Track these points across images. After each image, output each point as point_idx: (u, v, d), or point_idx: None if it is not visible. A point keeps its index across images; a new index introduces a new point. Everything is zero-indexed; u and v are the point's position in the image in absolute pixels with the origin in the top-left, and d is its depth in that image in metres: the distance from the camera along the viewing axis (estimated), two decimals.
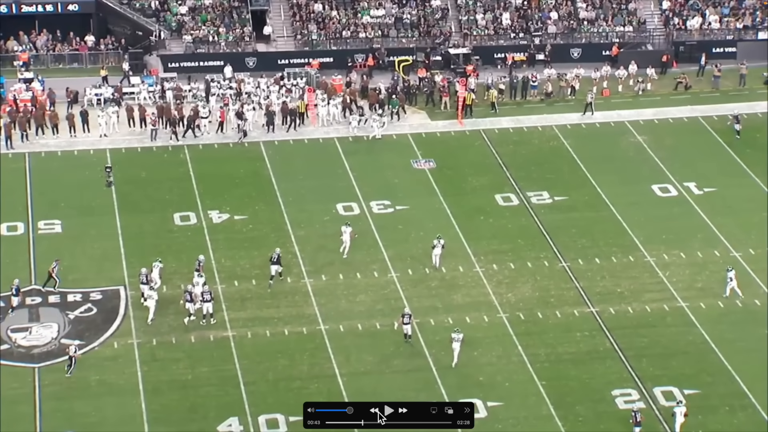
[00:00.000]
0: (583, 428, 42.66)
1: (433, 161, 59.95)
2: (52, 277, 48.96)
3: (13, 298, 47.60)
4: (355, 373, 44.93)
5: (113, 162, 58.80)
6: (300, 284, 50.12)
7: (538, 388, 44.48)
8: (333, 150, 60.88)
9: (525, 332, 47.54)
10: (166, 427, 42.11)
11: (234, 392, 43.90)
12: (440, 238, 50.85)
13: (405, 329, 46.11)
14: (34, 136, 60.60)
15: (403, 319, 46.07)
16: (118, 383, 44.28)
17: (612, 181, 58.45)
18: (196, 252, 51.77)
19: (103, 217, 54.52)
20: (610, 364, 45.83)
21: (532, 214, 55.62)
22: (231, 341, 46.62)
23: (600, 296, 49.87)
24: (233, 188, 57.25)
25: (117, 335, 46.84)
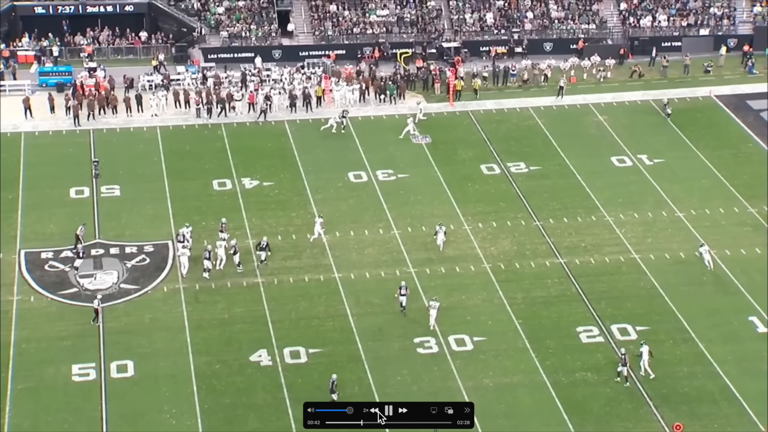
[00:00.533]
0: (553, 358, 42.78)
1: (429, 137, 59.72)
2: (79, 239, 48.25)
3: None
4: (363, 314, 44.98)
5: (162, 138, 58.62)
6: (318, 240, 50.07)
7: (515, 325, 44.54)
8: (345, 127, 60.58)
9: (505, 279, 47.54)
10: (207, 357, 42.29)
11: (263, 329, 44.00)
12: (441, 225, 48.93)
13: (401, 300, 44.41)
14: (98, 115, 60.40)
15: (400, 291, 44.49)
16: (167, 321, 44.42)
17: (578, 153, 58.20)
18: (231, 213, 51.80)
19: (154, 183, 54.41)
20: (575, 306, 45.87)
21: (511, 181, 55.46)
22: (260, 287, 46.65)
23: (567, 249, 49.81)
24: (262, 159, 57.06)
25: (166, 281, 46.90)
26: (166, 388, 40.77)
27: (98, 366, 41.66)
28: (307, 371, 41.66)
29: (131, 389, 40.70)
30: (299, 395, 40.13)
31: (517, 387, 41.34)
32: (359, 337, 43.63)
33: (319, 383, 40.93)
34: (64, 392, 40.38)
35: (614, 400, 40.71)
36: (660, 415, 40.12)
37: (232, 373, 41.44)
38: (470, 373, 41.82)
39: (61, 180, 54.09)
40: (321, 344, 43.18)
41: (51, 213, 51.25)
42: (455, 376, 41.69)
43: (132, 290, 46.23)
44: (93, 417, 39.28)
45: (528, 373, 41.98)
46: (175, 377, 41.27)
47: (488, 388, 41.19)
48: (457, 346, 43.32)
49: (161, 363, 42.01)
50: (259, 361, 42.15)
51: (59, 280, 46.59)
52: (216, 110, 60.79)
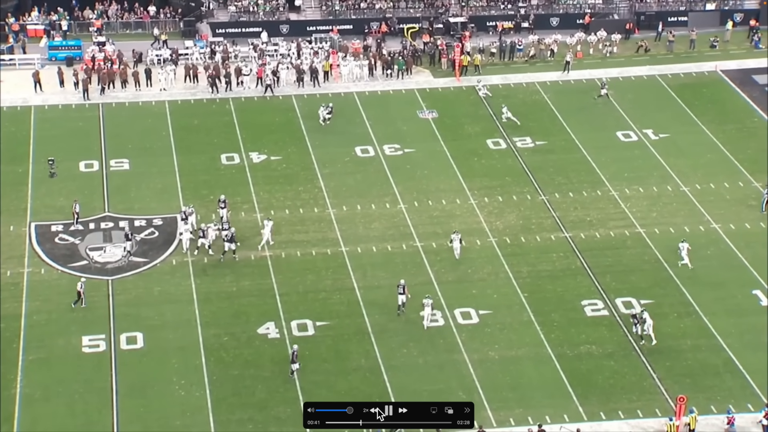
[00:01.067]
0: (557, 332, 42.83)
1: (435, 112, 59.54)
2: (75, 215, 48.02)
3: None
4: (369, 287, 45.03)
5: (171, 112, 58.51)
6: (325, 213, 50.08)
7: (520, 299, 44.55)
8: (352, 102, 60.44)
9: (511, 253, 47.52)
10: (215, 329, 42.42)
11: (271, 301, 44.08)
12: (457, 233, 46.51)
13: (399, 299, 42.80)
14: (107, 90, 60.25)
15: (398, 289, 42.86)
16: (176, 293, 44.52)
17: (584, 128, 57.98)
18: (239, 187, 51.81)
19: (163, 157, 54.37)
20: (580, 279, 45.86)
21: (517, 156, 55.32)
22: (268, 260, 46.69)
23: (572, 224, 49.73)
24: (270, 134, 56.95)
25: (175, 254, 46.95)
26: (175, 359, 40.92)
27: (108, 338, 41.81)
28: (314, 344, 41.75)
29: (140, 361, 40.86)
30: (306, 366, 40.27)
31: (523, 360, 41.40)
32: (366, 310, 43.70)
33: (326, 356, 41.08)
34: (75, 363, 40.56)
35: (618, 372, 40.77)
36: (664, 387, 40.17)
37: (240, 346, 41.56)
38: (476, 346, 41.88)
39: (70, 153, 54.04)
40: (328, 317, 43.26)
41: (61, 186, 51.28)
42: (461, 348, 41.77)
43: (141, 263, 46.27)
44: (103, 388, 39.46)
45: (533, 346, 42.03)
46: (184, 349, 41.41)
47: (494, 361, 41.26)
48: (462, 319, 43.37)
49: (170, 335, 42.13)
50: (266, 333, 42.25)
51: (69, 253, 46.66)
52: (220, 85, 60.57)
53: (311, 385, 39.65)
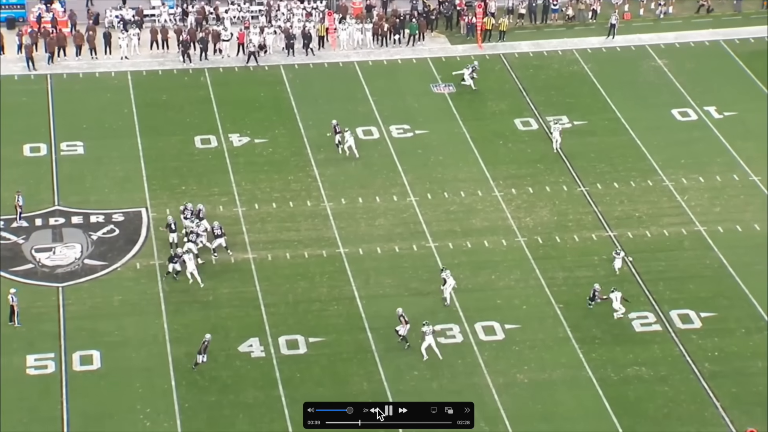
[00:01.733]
0: (600, 350, 42.84)
1: (452, 85, 59.58)
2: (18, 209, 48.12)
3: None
4: (373, 296, 45.12)
5: (134, 85, 58.59)
6: (320, 207, 50.15)
7: (555, 311, 44.59)
8: (353, 74, 60.51)
9: (543, 256, 47.57)
10: (187, 347, 42.41)
11: (254, 313, 44.17)
12: (446, 270, 44.86)
13: (399, 330, 42.35)
14: (57, 57, 60.32)
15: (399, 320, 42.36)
16: (141, 303, 44.61)
17: (632, 105, 58.02)
18: (216, 175, 51.91)
19: (124, 140, 54.48)
20: (627, 288, 45.81)
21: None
22: (251, 263, 46.77)
23: (618, 220, 49.77)
24: (253, 112, 57.06)
25: (139, 256, 47.05)
26: (139, 383, 40.98)
27: (58, 357, 41.89)
28: (307, 364, 41.83)
29: (97, 384, 40.93)
30: (297, 392, 40.34)
31: (557, 384, 41.46)
32: (369, 323, 43.78)
33: (321, 379, 41.14)
34: (17, 388, 40.58)
35: (674, 400, 40.81)
36: (729, 418, 40.19)
37: (217, 367, 41.63)
38: (501, 368, 41.94)
39: (13, 135, 54.15)
40: (323, 332, 43.34)
41: (1, 174, 51.38)
42: (483, 370, 41.83)
43: (98, 267, 46.38)
44: (52, 417, 39.53)
45: (570, 368, 42.10)
46: (150, 371, 41.48)
47: (522, 386, 41.34)
48: (485, 335, 43.43)
49: (133, 354, 42.21)
50: (249, 351, 42.33)
51: (11, 255, 46.78)
52: (193, 52, 60.62)
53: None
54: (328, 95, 58.55)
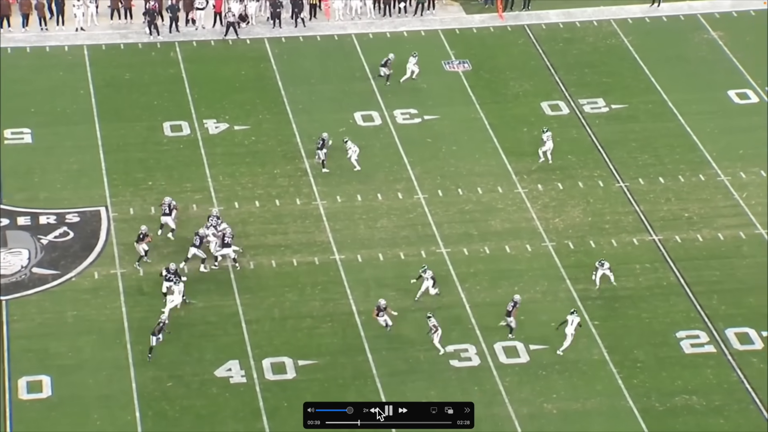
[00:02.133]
0: (642, 375, 42.85)
1: (468, 62, 59.67)
2: None
3: None
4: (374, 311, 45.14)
5: (92, 61, 58.67)
6: (311, 207, 50.22)
7: (589, 329, 44.60)
8: (350, 49, 60.61)
9: (575, 264, 47.64)
10: (154, 371, 42.44)
11: (234, 332, 44.18)
12: (426, 269, 45.64)
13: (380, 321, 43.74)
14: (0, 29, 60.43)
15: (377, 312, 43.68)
16: (99, 320, 44.60)
17: (681, 86, 58.13)
18: (189, 168, 51.95)
19: (80, 126, 54.57)
20: (674, 302, 45.89)
21: (584, 125, 55.40)
22: (230, 273, 46.79)
23: (664, 222, 49.83)
24: (233, 93, 57.17)
25: (97, 264, 47.08)
26: (97, 414, 41.00)
27: (1, 383, 41.87)
28: (296, 391, 41.84)
29: (48, 415, 40.91)
30: (284, 425, 40.35)
31: (592, 415, 41.50)
32: (369, 343, 43.82)
33: None
34: None
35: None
36: None
37: (190, 394, 41.68)
38: (525, 396, 41.97)
39: None
40: (315, 354, 43.36)
41: None
42: (504, 399, 41.86)
43: (49, 277, 46.42)
44: None
45: (607, 396, 42.12)
46: (110, 399, 41.49)
47: (551, 417, 41.37)
48: (506, 357, 43.45)
49: (90, 379, 42.21)
50: (228, 377, 42.35)
51: None
52: (161, 23, 60.67)
53: None
54: (321, 74, 58.61)
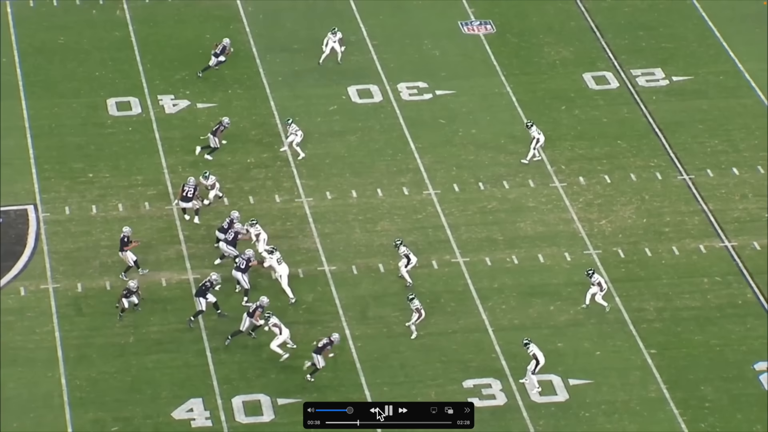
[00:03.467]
0: (711, 417, 42.86)
1: (491, 23, 59.76)
2: None
3: None
4: (374, 336, 45.27)
5: (18, 21, 58.72)
6: (294, 205, 50.35)
7: (644, 359, 44.63)
8: (344, 7, 60.71)
9: (626, 277, 47.69)
10: (96, 411, 42.47)
11: (197, 362, 44.21)
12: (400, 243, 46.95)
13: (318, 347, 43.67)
14: None
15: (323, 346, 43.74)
16: (27, 347, 44.61)
17: (759, 52, 58.22)
18: (140, 156, 52.00)
19: (2, 103, 54.70)
20: (752, 325, 45.92)
21: (638, 103, 55.50)
22: (191, 286, 46.84)
23: (739, 224, 49.93)
24: (195, 62, 57.22)
25: (24, 277, 47.11)
26: None
27: None
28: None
29: None
30: None
31: None
32: (365, 375, 43.83)
33: None
34: None
35: None
36: None
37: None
38: None
39: None
40: (299, 390, 43.36)
41: None
42: None
43: None
44: None
45: None
46: None
47: None
48: (540, 395, 43.45)
49: (14, 422, 42.24)
50: (189, 419, 42.35)
51: None
52: None
53: None
54: (306, 37, 58.63)
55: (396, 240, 47.03)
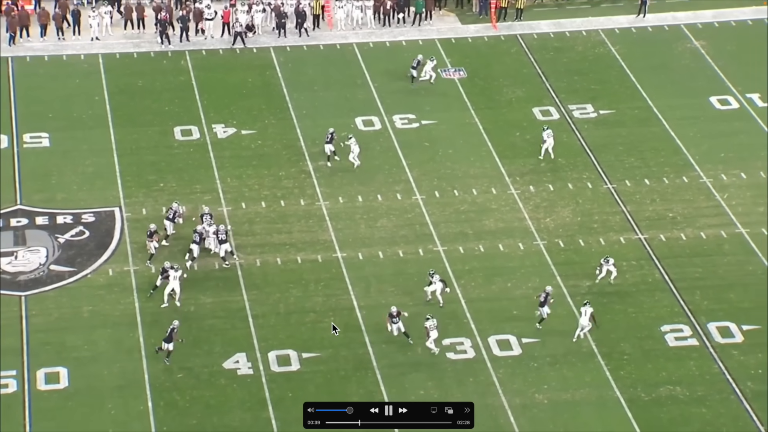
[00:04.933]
0: (629, 367, 42.86)
1: (463, 70, 59.63)
2: None
3: None
4: (375, 306, 45.13)
5: (107, 69, 58.68)
6: (314, 207, 50.23)
7: (578, 323, 44.59)
8: (352, 57, 60.59)
9: (565, 261, 47.64)
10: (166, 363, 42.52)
11: (241, 326, 44.22)
12: (433, 273, 45.30)
13: (391, 329, 43.19)
14: (19, 38, 60.35)
15: (392, 320, 43.12)
16: (113, 314, 44.63)
17: (665, 92, 58.07)
18: (198, 171, 51.98)
19: (95, 131, 54.53)
20: (659, 297, 45.92)
21: (574, 130, 55.40)
22: (238, 270, 46.80)
23: (649, 221, 49.82)
24: (240, 99, 57.14)
25: (112, 262, 47.08)
26: (111, 403, 41.02)
27: (20, 374, 41.91)
28: (300, 382, 41.89)
29: (64, 405, 40.93)
30: (289, 413, 40.40)
31: (581, 405, 41.50)
32: (369, 337, 43.85)
33: (316, 398, 41.01)
34: None
35: (712, 423, 40.85)
36: None
37: (199, 385, 41.70)
38: (518, 387, 42.00)
39: None
40: (318, 347, 43.40)
41: None
42: (497, 390, 41.89)
43: (66, 273, 46.46)
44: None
45: (596, 387, 42.14)
46: (124, 390, 41.52)
47: (542, 407, 41.39)
48: (500, 350, 43.47)
49: (104, 371, 42.24)
50: (235, 368, 42.37)
51: None
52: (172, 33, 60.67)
53: None
54: (324, 81, 58.58)
55: (430, 271, 45.38)
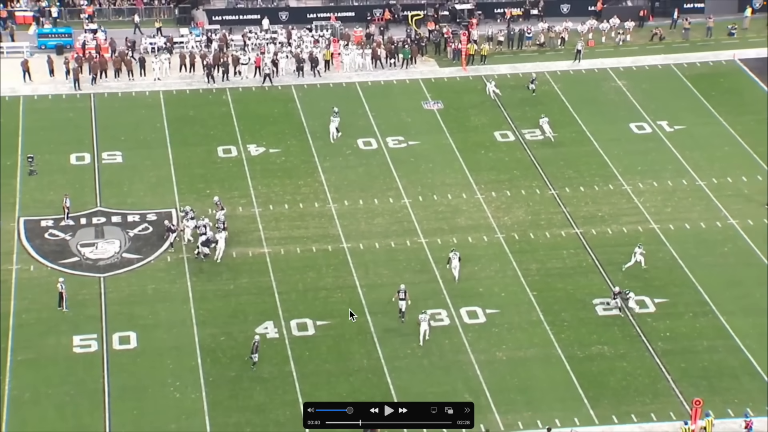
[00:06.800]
0: (567, 332, 42.81)
1: (440, 103, 59.47)
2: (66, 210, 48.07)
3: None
4: (372, 285, 45.03)
5: (165, 102, 58.51)
6: (326, 208, 50.08)
7: (529, 297, 44.55)
8: (354, 93, 60.42)
9: (519, 250, 47.51)
10: (211, 329, 42.43)
11: (269, 300, 44.09)
12: (456, 251, 45.34)
13: (400, 305, 42.50)
14: (99, 79, 60.21)
15: (399, 295, 42.55)
16: (171, 291, 44.54)
17: (595, 120, 57.91)
18: (237, 180, 51.83)
19: (157, 150, 54.37)
20: (591, 278, 45.84)
21: (526, 149, 55.25)
22: (267, 257, 46.68)
23: (584, 219, 49.70)
24: (268, 125, 56.93)
25: (169, 251, 46.95)
26: (169, 360, 40.95)
27: (100, 337, 41.84)
28: (315, 344, 41.78)
29: (134, 361, 40.87)
30: (306, 368, 40.28)
31: (531, 361, 41.41)
32: (368, 309, 43.72)
33: (327, 357, 41.10)
34: (65, 364, 40.57)
35: (631, 374, 40.78)
36: (679, 390, 40.15)
37: (237, 346, 41.57)
38: (483, 347, 41.89)
39: (61, 146, 54.05)
40: (329, 316, 43.27)
41: (51, 180, 51.27)
42: (467, 349, 41.78)
43: (134, 260, 46.30)
44: (95, 389, 39.49)
45: (542, 347, 42.03)
46: (179, 349, 41.43)
47: (501, 362, 41.28)
48: (469, 319, 43.37)
49: (164, 335, 42.16)
50: (265, 333, 42.26)
51: (59, 249, 46.68)
52: (216, 74, 60.57)
53: (311, 387, 39.69)
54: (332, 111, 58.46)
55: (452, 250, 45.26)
